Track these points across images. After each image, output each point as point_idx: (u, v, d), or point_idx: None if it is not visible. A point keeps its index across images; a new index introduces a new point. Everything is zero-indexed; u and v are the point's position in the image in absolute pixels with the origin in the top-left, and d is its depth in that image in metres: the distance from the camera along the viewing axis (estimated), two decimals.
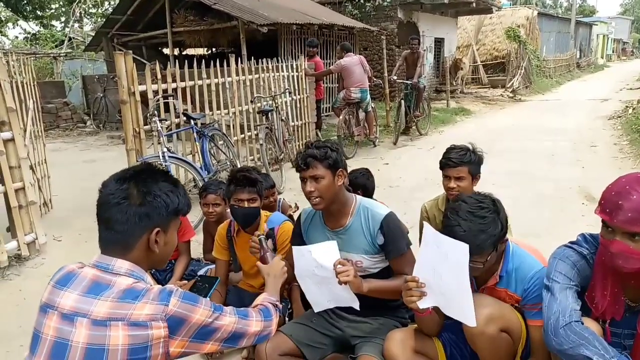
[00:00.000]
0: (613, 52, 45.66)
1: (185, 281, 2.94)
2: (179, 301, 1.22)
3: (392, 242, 2.05)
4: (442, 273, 1.63)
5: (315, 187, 1.98)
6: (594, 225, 4.19)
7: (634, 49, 53.56)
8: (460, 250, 1.55)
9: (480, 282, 1.87)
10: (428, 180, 5.89)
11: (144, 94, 4.73)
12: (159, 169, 1.41)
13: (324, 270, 1.91)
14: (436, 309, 1.82)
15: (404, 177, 6.12)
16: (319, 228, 2.19)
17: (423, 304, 1.71)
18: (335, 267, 1.87)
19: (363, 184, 2.94)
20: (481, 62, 18.88)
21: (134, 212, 1.26)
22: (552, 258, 1.67)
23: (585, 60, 31.27)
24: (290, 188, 5.72)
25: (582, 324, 1.48)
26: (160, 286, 1.26)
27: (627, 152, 7.13)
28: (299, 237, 2.24)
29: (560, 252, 1.66)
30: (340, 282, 1.86)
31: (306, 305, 2.54)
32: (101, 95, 11.42)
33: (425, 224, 1.74)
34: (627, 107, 11.12)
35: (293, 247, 2.04)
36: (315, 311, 2.12)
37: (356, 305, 1.96)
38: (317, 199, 2.00)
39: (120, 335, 1.15)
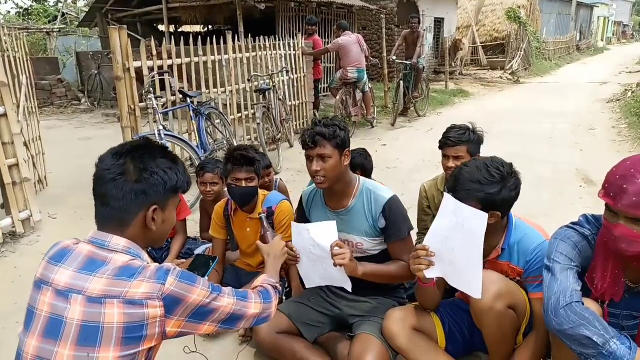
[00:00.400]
0: (613, 34, 45.27)
1: (183, 260, 2.93)
2: (175, 280, 1.19)
3: (393, 225, 2.04)
4: (454, 242, 1.62)
5: (322, 167, 1.95)
6: (591, 207, 4.23)
7: (634, 31, 53.10)
8: (478, 218, 1.55)
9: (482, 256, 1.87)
10: (425, 162, 5.88)
11: (138, 71, 4.65)
12: (158, 145, 1.37)
13: (320, 250, 1.89)
14: (438, 282, 1.83)
15: (402, 158, 6.10)
16: (320, 208, 2.17)
17: (429, 273, 1.71)
18: (332, 248, 1.85)
19: (361, 163, 2.91)
20: (480, 43, 18.68)
21: (129, 188, 1.23)
22: (554, 238, 1.66)
23: (585, 43, 30.99)
24: (288, 168, 5.68)
25: (583, 304, 1.47)
26: (157, 264, 1.24)
27: (625, 135, 7.12)
28: (303, 220, 2.21)
29: (562, 233, 1.65)
30: (335, 264, 1.85)
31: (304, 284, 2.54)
32: (95, 72, 11.24)
33: (446, 194, 1.71)
34: (626, 90, 11.07)
35: (292, 223, 2.02)
36: (306, 287, 2.11)
37: (349, 287, 1.95)
38: (321, 178, 1.97)
39: (115, 312, 1.13)
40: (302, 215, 2.24)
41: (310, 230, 1.90)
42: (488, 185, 1.68)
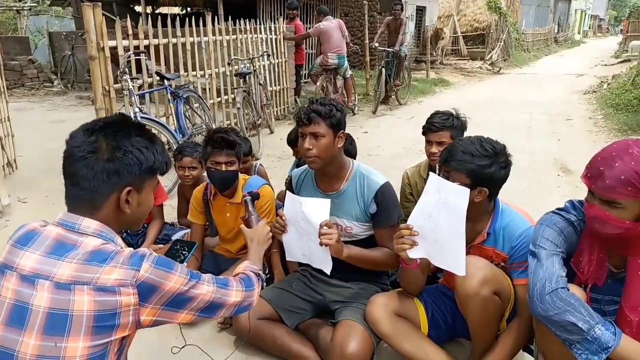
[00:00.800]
0: (590, 28, 46.08)
1: (161, 245, 2.84)
2: (151, 267, 1.12)
3: (384, 212, 2.01)
4: (438, 219, 1.61)
5: (314, 145, 1.91)
6: (569, 196, 4.21)
7: (609, 26, 54.17)
8: (460, 194, 1.56)
9: (467, 240, 1.85)
10: (407, 150, 5.88)
11: (114, 52, 4.48)
12: (134, 122, 1.28)
13: (309, 225, 1.86)
14: (421, 266, 1.82)
15: (383, 146, 6.08)
16: (311, 190, 2.13)
17: (413, 253, 1.69)
18: (321, 227, 1.81)
19: (346, 148, 2.85)
20: (461, 33, 18.76)
21: (101, 167, 1.14)
22: (539, 224, 1.65)
23: (562, 36, 31.46)
24: (268, 154, 5.60)
25: (568, 290, 1.47)
26: (131, 249, 1.16)
27: (601, 125, 7.25)
28: None
29: (548, 218, 1.64)
30: (321, 243, 1.82)
31: (287, 270, 2.49)
32: (69, 53, 10.85)
33: (431, 173, 1.71)
34: (602, 82, 11.28)
35: (287, 193, 1.97)
36: (287, 259, 2.07)
37: (328, 269, 1.91)
38: (313, 158, 1.93)
39: (85, 300, 1.05)
40: None
41: (303, 203, 1.86)
42: (479, 157, 1.70)
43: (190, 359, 2.14)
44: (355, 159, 2.92)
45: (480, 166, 1.70)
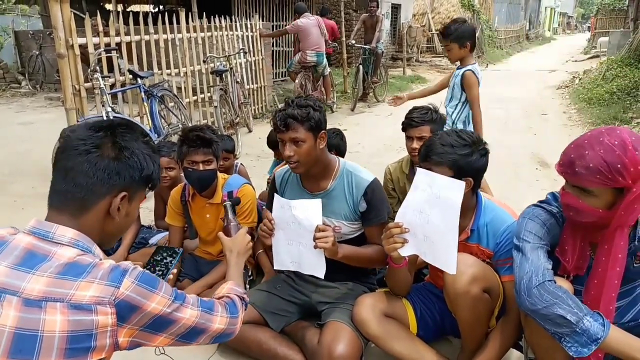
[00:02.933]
0: (559, 25, 47.19)
1: (140, 263, 2.73)
2: (133, 284, 1.02)
3: (374, 209, 1.96)
4: (430, 215, 1.57)
5: (295, 151, 1.84)
6: (548, 189, 4.26)
7: (577, 23, 55.59)
8: (454, 187, 1.53)
9: None
10: (387, 147, 5.87)
11: (84, 50, 4.32)
12: (141, 128, 1.22)
13: (301, 229, 1.79)
14: (409, 265, 1.79)
15: (363, 144, 6.05)
16: (296, 190, 2.05)
17: (403, 251, 1.65)
18: (315, 231, 1.75)
19: (337, 144, 2.80)
20: (436, 30, 18.92)
21: (104, 165, 1.07)
22: (522, 217, 1.63)
23: (534, 33, 32.09)
24: (247, 153, 5.51)
25: (555, 282, 1.45)
26: (112, 262, 1.05)
27: (575, 120, 7.38)
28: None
29: (530, 212, 1.63)
30: (316, 247, 1.76)
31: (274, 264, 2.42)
32: (37, 53, 10.50)
33: (418, 168, 1.67)
34: (574, 77, 11.52)
35: (275, 196, 1.89)
36: (275, 268, 1.99)
37: (321, 274, 1.85)
38: (296, 163, 1.87)
39: (58, 319, 0.95)
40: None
41: (293, 207, 1.79)
42: (459, 147, 1.69)
43: None
44: (344, 155, 2.88)
45: (461, 155, 1.68)
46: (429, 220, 1.58)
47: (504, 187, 4.32)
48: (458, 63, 3.24)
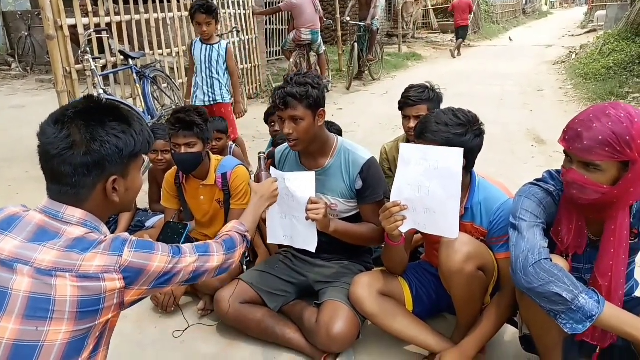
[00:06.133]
0: None
1: (147, 235, 2.72)
2: (132, 251, 1.10)
3: (370, 187, 1.97)
4: (429, 187, 1.59)
5: (294, 129, 1.85)
6: (543, 166, 4.31)
7: None
8: (453, 155, 1.55)
9: None
10: (382, 125, 5.85)
11: (73, 31, 4.23)
12: (106, 104, 1.17)
13: (294, 201, 1.81)
14: (405, 242, 1.81)
15: (359, 122, 6.03)
16: (295, 168, 2.06)
17: (402, 228, 1.66)
18: (308, 202, 1.77)
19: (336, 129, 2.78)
20: (432, 6, 18.65)
21: (79, 163, 1.08)
22: (518, 196, 1.63)
23: (530, 7, 31.70)
24: (242, 134, 5.43)
25: (551, 261, 1.46)
26: (113, 235, 1.13)
27: (572, 95, 7.35)
28: None
29: (526, 190, 1.63)
30: (307, 218, 1.77)
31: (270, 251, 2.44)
32: (26, 34, 10.29)
33: (402, 144, 1.68)
34: (570, 52, 11.43)
35: (270, 169, 1.90)
36: (268, 242, 2.01)
37: (313, 247, 1.86)
38: (295, 141, 1.88)
39: (68, 285, 1.02)
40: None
41: (287, 179, 1.81)
42: (454, 126, 1.69)
43: (172, 346, 2.09)
44: (342, 133, 2.85)
45: (455, 135, 1.68)
46: (429, 192, 1.59)
47: (500, 164, 4.33)
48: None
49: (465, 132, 1.69)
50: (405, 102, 2.54)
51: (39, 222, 1.09)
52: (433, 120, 1.72)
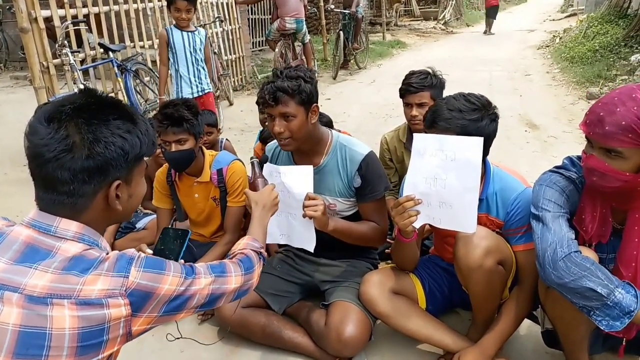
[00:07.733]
0: None
1: (149, 251, 2.57)
2: (140, 271, 0.95)
3: (369, 184, 1.84)
4: (446, 179, 1.48)
5: (286, 127, 1.70)
6: (539, 151, 4.28)
7: None
8: (472, 145, 1.45)
9: None
10: (373, 114, 5.76)
11: (49, 24, 4.02)
12: (109, 99, 1.02)
13: (290, 198, 1.69)
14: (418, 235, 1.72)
15: (348, 112, 5.92)
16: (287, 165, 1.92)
17: (416, 223, 1.56)
18: (305, 199, 1.66)
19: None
20: None
21: (80, 167, 0.93)
22: (539, 185, 1.54)
23: None
24: (230, 127, 5.32)
25: (581, 253, 1.37)
26: (117, 252, 0.98)
27: (559, 79, 7.33)
28: None
29: (547, 178, 1.54)
30: (304, 216, 1.65)
31: (268, 252, 2.32)
32: None
33: (415, 134, 1.56)
34: (554, 36, 11.44)
35: (266, 164, 1.77)
36: (267, 242, 1.89)
37: (311, 247, 1.75)
38: (286, 140, 1.73)
39: (66, 315, 0.87)
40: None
41: (283, 173, 1.69)
42: (468, 112, 1.57)
43: (172, 356, 1.96)
44: (332, 125, 2.73)
45: (471, 121, 1.56)
46: (446, 185, 1.48)
47: (496, 151, 4.23)
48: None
49: (481, 117, 1.58)
50: (407, 89, 2.43)
51: (27, 238, 0.93)
52: (445, 107, 1.61)
